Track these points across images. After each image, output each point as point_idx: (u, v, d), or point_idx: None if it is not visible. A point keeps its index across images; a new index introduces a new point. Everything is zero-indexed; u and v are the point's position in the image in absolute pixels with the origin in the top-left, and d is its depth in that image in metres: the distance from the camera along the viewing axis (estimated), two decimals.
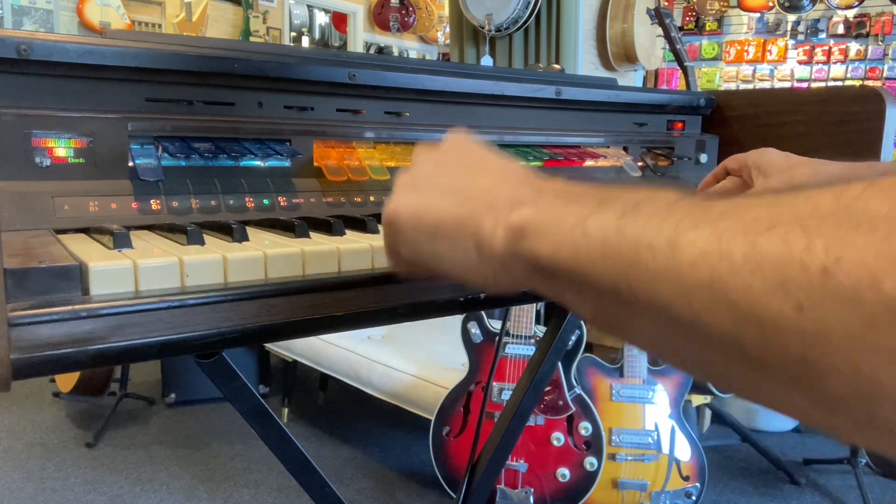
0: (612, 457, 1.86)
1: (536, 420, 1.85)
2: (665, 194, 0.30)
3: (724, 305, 0.24)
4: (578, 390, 1.86)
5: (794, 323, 0.22)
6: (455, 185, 0.40)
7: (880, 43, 4.27)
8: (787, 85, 4.56)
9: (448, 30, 3.94)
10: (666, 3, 4.66)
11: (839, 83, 4.37)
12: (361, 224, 0.58)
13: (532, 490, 1.85)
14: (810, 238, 0.22)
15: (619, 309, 0.30)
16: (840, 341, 0.21)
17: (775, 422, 2.63)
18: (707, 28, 4.81)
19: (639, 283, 0.28)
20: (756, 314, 0.23)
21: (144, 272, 0.41)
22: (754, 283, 0.23)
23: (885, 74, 4.26)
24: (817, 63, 4.50)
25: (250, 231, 0.53)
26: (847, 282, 0.21)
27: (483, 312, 1.94)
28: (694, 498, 1.86)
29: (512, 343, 1.88)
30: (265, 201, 0.62)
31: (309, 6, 5.98)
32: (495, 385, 1.88)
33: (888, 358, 0.20)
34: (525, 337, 1.88)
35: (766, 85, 4.65)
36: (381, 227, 0.42)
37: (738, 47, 4.73)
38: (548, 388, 1.84)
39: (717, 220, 0.26)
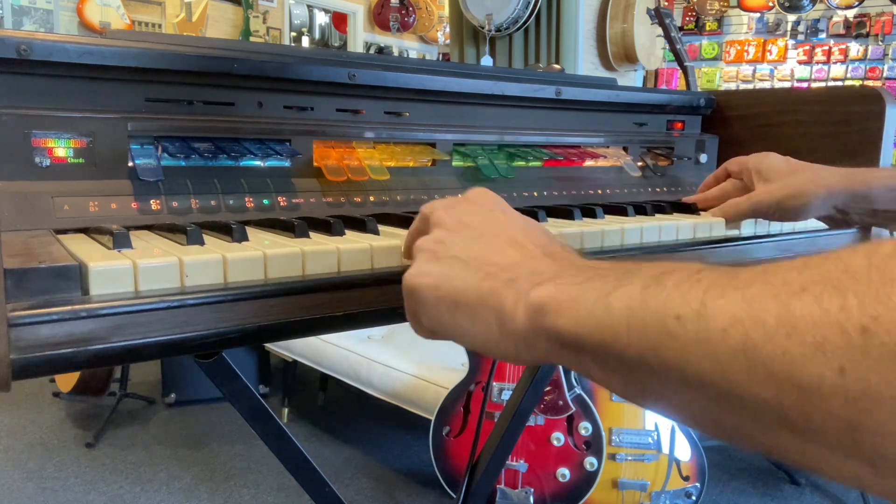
0: (612, 457, 1.86)
1: (536, 420, 1.85)
2: (688, 265, 0.29)
3: (761, 372, 0.24)
4: (578, 390, 1.86)
5: (837, 386, 0.22)
6: (476, 257, 0.39)
7: (880, 43, 4.27)
8: (787, 85, 4.56)
9: (448, 30, 3.94)
10: (666, 3, 4.66)
11: (839, 83, 4.37)
12: (361, 224, 0.58)
13: (532, 490, 1.85)
14: (845, 298, 0.22)
15: (650, 381, 0.29)
16: (887, 402, 0.21)
17: None
18: (707, 28, 4.82)
19: (668, 355, 0.27)
20: (795, 379, 0.23)
21: (144, 272, 0.41)
22: (791, 348, 0.23)
23: (885, 74, 4.26)
24: (817, 63, 4.50)
25: (250, 231, 0.53)
26: (888, 339, 0.20)
27: None
28: (694, 498, 1.86)
29: None
30: (265, 201, 0.62)
31: (309, 6, 5.98)
32: (495, 385, 1.88)
33: None
34: None
35: (766, 85, 4.65)
36: (403, 294, 0.42)
37: (738, 47, 4.73)
38: (548, 388, 1.84)
39: (745, 286, 0.25)
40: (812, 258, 0.25)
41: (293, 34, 5.68)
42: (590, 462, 1.83)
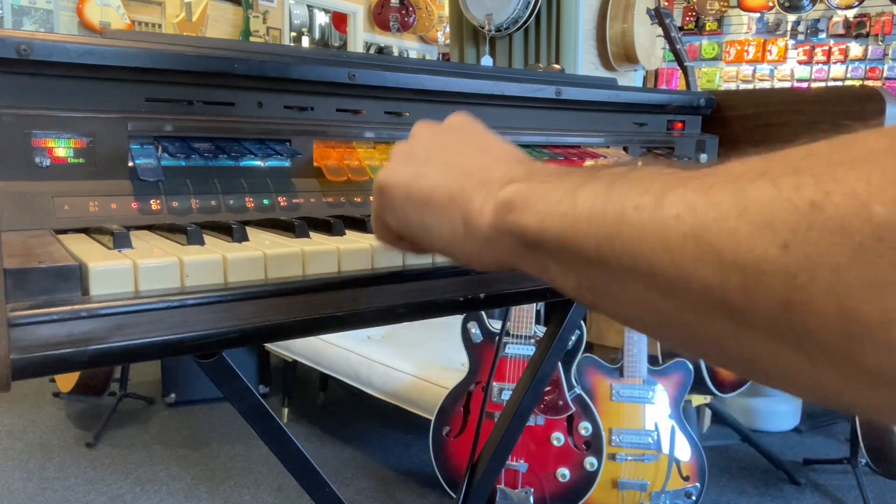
0: (612, 457, 1.86)
1: (536, 420, 1.85)
2: (656, 165, 0.29)
3: (709, 255, 0.24)
4: (578, 390, 1.86)
5: (779, 263, 0.21)
6: (450, 160, 0.40)
7: (880, 43, 4.27)
8: (787, 85, 4.56)
9: (448, 30, 3.94)
10: (666, 3, 4.66)
11: (839, 83, 4.37)
12: (361, 224, 0.58)
13: (532, 490, 1.85)
14: (800, 177, 0.22)
15: (602, 276, 0.29)
16: (825, 276, 0.20)
17: (775, 422, 2.63)
18: (707, 28, 4.81)
19: (623, 244, 0.27)
20: (740, 260, 0.22)
21: (144, 272, 0.41)
22: (740, 227, 0.23)
23: (885, 74, 4.26)
24: (817, 63, 4.50)
25: (250, 231, 0.53)
26: (835, 213, 0.20)
27: (483, 312, 1.94)
28: (694, 498, 1.86)
29: (512, 343, 1.88)
30: (265, 201, 0.62)
31: (309, 6, 5.98)
32: (495, 385, 1.88)
33: (875, 291, 0.19)
34: (525, 337, 1.88)
35: (766, 85, 4.65)
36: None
37: (738, 47, 4.73)
38: (548, 388, 1.84)
39: (705, 176, 0.25)
40: (777, 151, 0.25)
41: (293, 34, 5.68)
42: (590, 462, 1.83)
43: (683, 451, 1.86)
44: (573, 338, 1.84)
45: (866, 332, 0.20)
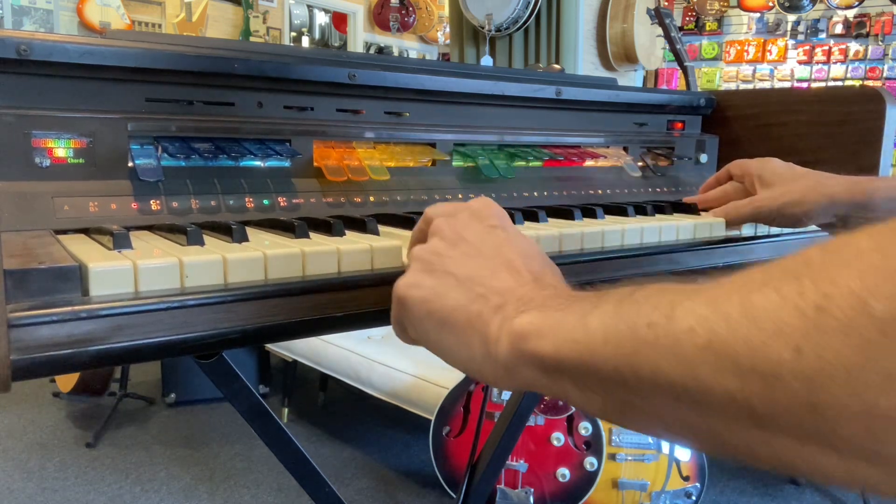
0: (612, 457, 1.86)
1: (536, 420, 1.85)
2: (657, 283, 0.30)
3: (727, 365, 0.24)
4: None
5: (795, 367, 0.22)
6: (470, 277, 0.39)
7: (880, 43, 4.27)
8: (787, 85, 4.56)
9: (448, 30, 3.94)
10: (666, 3, 4.66)
11: (839, 83, 4.37)
12: (361, 224, 0.58)
13: (532, 490, 1.85)
14: (801, 283, 0.23)
15: (626, 395, 0.30)
16: (842, 376, 0.21)
17: None
18: (707, 28, 4.81)
19: (641, 363, 0.28)
20: (758, 366, 0.23)
21: (144, 273, 0.41)
22: (752, 335, 0.24)
23: (885, 74, 4.26)
24: (817, 63, 4.50)
25: (250, 231, 0.53)
26: (839, 314, 0.21)
27: None
28: (694, 498, 1.86)
29: None
30: (265, 201, 0.62)
31: (309, 6, 5.98)
32: None
33: (891, 384, 0.20)
34: None
35: (766, 85, 4.65)
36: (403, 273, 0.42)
37: (738, 47, 4.73)
38: None
39: (709, 289, 0.27)
40: (777, 259, 0.26)
41: (293, 34, 5.68)
42: (590, 462, 1.82)
43: (683, 451, 1.86)
44: None
45: (890, 425, 0.21)
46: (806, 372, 0.22)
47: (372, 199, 0.69)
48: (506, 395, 1.86)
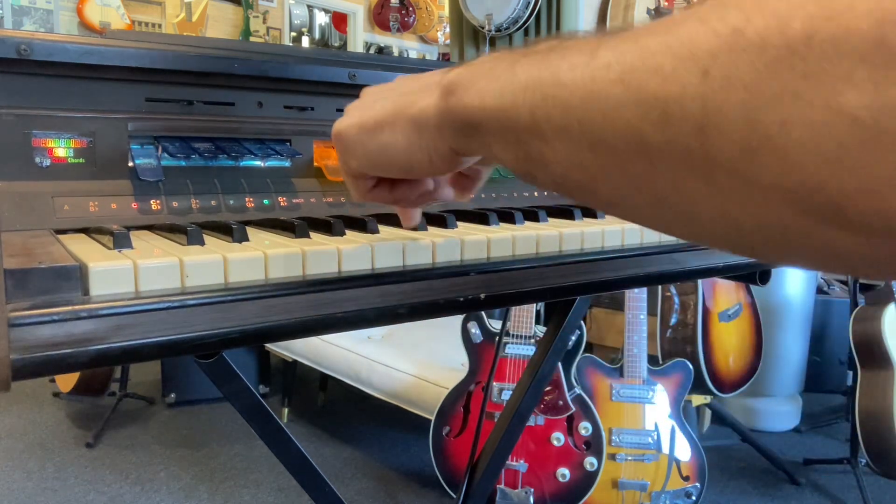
0: (612, 457, 1.86)
1: (536, 420, 1.85)
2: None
3: (633, 94, 0.24)
4: (578, 390, 1.86)
5: (698, 90, 0.22)
6: (394, 91, 0.42)
7: None
8: None
9: (448, 30, 3.94)
10: (666, 3, 4.66)
11: None
12: (361, 224, 0.58)
13: (532, 490, 1.85)
14: (727, 10, 0.22)
15: (538, 145, 0.30)
16: (738, 94, 0.21)
17: (775, 422, 2.64)
18: None
19: (556, 104, 0.28)
20: (661, 93, 0.23)
21: (144, 272, 0.41)
22: (665, 63, 0.23)
23: None
24: None
25: (250, 231, 0.53)
26: (755, 34, 0.21)
27: (483, 312, 1.94)
28: (694, 498, 1.86)
29: (512, 343, 1.88)
30: (265, 201, 0.62)
31: (309, 6, 5.98)
32: (495, 385, 1.88)
33: (780, 101, 0.20)
34: (525, 337, 1.88)
35: None
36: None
37: None
38: (548, 388, 1.84)
39: (643, 27, 0.26)
40: None
41: (293, 34, 5.68)
42: (590, 462, 1.83)
43: (683, 451, 1.86)
44: (573, 338, 1.84)
45: (765, 142, 0.21)
46: (706, 94, 0.22)
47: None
48: (506, 395, 1.86)
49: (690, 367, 1.92)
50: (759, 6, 0.21)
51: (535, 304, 1.95)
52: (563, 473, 1.84)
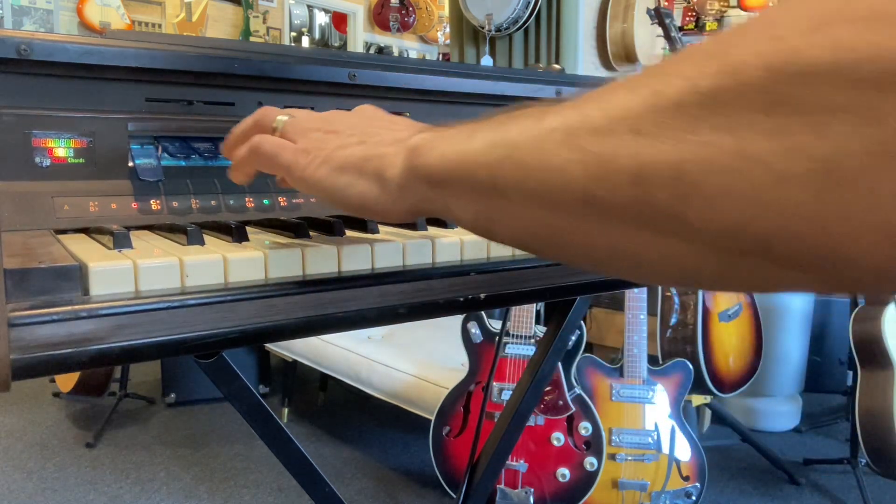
0: (612, 457, 1.86)
1: (536, 420, 1.85)
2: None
3: (577, 153, 0.27)
4: (578, 390, 1.86)
5: (630, 147, 0.25)
6: (365, 132, 0.44)
7: None
8: None
9: (448, 30, 3.94)
10: (666, 3, 4.66)
11: None
12: (361, 224, 0.58)
13: (532, 490, 1.85)
14: (649, 77, 0.25)
15: (495, 203, 0.32)
16: (665, 147, 0.24)
17: (775, 422, 2.63)
18: (707, 28, 4.81)
19: (512, 165, 0.30)
20: (599, 152, 0.26)
21: (144, 272, 0.41)
22: (601, 125, 0.26)
23: None
24: None
25: (250, 231, 0.53)
26: (673, 95, 0.24)
27: (483, 312, 1.94)
28: (694, 498, 1.86)
29: (512, 343, 1.88)
30: (265, 201, 0.62)
31: (309, 6, 5.98)
32: (495, 385, 1.88)
33: (701, 148, 0.23)
34: (525, 337, 1.88)
35: None
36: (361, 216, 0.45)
37: None
38: (548, 388, 1.84)
39: (579, 98, 0.29)
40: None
41: (293, 34, 5.68)
42: (590, 462, 1.83)
43: (683, 451, 1.86)
44: (573, 338, 1.84)
45: (692, 189, 0.23)
46: (638, 150, 0.24)
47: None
48: (506, 395, 1.86)
49: (690, 367, 1.92)
50: (675, 71, 0.24)
51: (535, 304, 1.95)
52: (563, 473, 1.84)
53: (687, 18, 4.83)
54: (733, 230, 0.23)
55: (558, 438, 1.84)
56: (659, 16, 1.19)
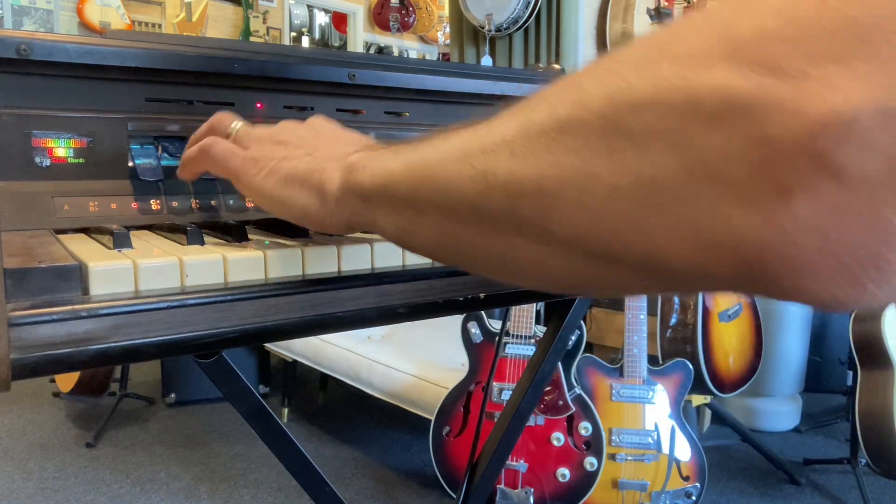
0: (612, 457, 1.86)
1: (536, 420, 1.85)
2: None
3: (467, 171, 0.30)
4: (578, 390, 1.86)
5: (506, 164, 0.28)
6: (313, 145, 0.46)
7: None
8: None
9: (448, 30, 3.94)
10: (666, 3, 4.66)
11: None
12: None
13: (532, 490, 1.85)
14: (525, 107, 0.29)
15: (412, 214, 0.35)
16: (531, 166, 0.27)
17: (775, 422, 2.63)
18: None
19: (423, 180, 0.34)
20: (482, 168, 0.30)
21: (144, 272, 0.41)
22: (487, 145, 0.30)
23: None
24: None
25: (250, 231, 0.53)
26: (539, 122, 0.27)
27: (483, 312, 1.94)
28: (694, 498, 1.86)
29: (512, 343, 1.88)
30: None
31: (309, 6, 5.98)
32: (495, 385, 1.88)
33: (560, 172, 0.26)
34: (525, 337, 1.88)
35: None
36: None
37: None
38: (548, 388, 1.84)
39: (477, 124, 0.32)
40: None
41: (293, 34, 5.68)
42: (590, 462, 1.83)
43: (683, 451, 1.86)
44: (573, 338, 1.84)
45: (551, 202, 0.26)
46: (512, 167, 0.28)
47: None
48: (506, 395, 1.86)
49: (690, 367, 1.92)
50: (545, 99, 0.28)
51: (534, 304, 1.95)
52: (563, 473, 1.84)
53: None
54: (583, 237, 0.26)
55: (558, 438, 1.84)
56: (659, 16, 1.19)
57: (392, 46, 6.17)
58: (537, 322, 1.94)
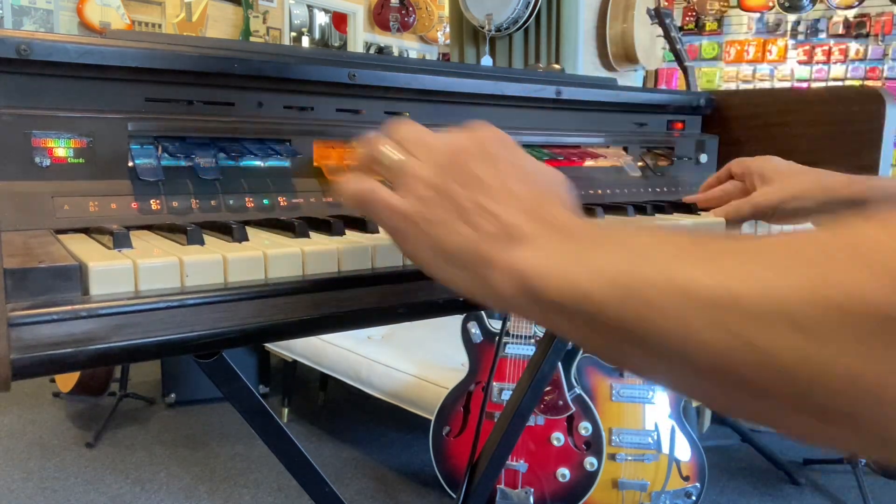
0: (612, 457, 1.86)
1: (536, 420, 1.85)
2: (656, 227, 0.31)
3: (725, 335, 0.25)
4: (578, 390, 1.86)
5: (795, 343, 0.24)
6: (478, 205, 0.39)
7: (880, 43, 4.27)
8: (787, 85, 4.56)
9: (448, 30, 3.94)
10: (666, 3, 4.66)
11: (839, 83, 4.36)
12: (361, 224, 0.58)
13: (532, 490, 1.85)
14: (807, 271, 0.24)
15: (629, 347, 0.30)
16: (847, 358, 0.23)
17: None
18: (707, 28, 4.81)
19: (641, 320, 0.29)
20: (754, 341, 0.25)
21: (144, 272, 0.41)
22: (754, 309, 0.25)
23: (885, 74, 4.26)
24: (817, 63, 4.49)
25: (250, 231, 0.53)
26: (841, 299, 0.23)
27: (483, 312, 1.94)
28: (694, 498, 1.86)
29: (512, 343, 1.88)
30: (265, 201, 0.62)
31: (309, 6, 5.98)
32: (495, 385, 1.88)
33: (881, 364, 0.22)
34: (525, 337, 1.88)
35: (766, 85, 4.65)
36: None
37: (738, 47, 4.73)
38: (548, 388, 1.84)
39: (714, 253, 0.28)
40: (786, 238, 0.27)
41: (293, 34, 5.68)
42: (590, 462, 1.82)
43: (683, 451, 1.86)
44: None
45: (872, 398, 0.22)
46: (805, 348, 0.23)
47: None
48: (506, 395, 1.86)
49: None
50: (841, 268, 0.24)
51: None
52: (563, 473, 1.84)
53: (687, 18, 4.83)
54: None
55: (558, 438, 1.84)
56: (659, 16, 1.19)
57: (392, 46, 6.17)
58: None
